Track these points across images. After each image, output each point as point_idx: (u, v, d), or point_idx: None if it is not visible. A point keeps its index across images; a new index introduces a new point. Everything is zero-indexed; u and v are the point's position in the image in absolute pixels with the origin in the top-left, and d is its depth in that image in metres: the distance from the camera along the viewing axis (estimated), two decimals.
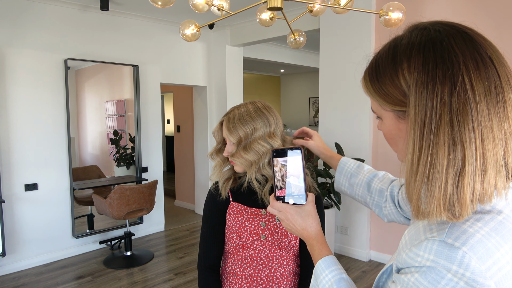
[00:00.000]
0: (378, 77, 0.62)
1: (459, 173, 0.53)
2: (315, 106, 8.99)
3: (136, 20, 4.37)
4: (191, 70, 4.98)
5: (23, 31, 3.56)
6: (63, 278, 3.48)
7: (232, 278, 1.23)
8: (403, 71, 0.58)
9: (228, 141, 1.20)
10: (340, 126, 3.79)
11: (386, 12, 1.69)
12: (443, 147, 0.53)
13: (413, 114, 0.56)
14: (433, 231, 0.56)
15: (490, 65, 0.55)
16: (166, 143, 8.82)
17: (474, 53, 0.55)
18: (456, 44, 0.55)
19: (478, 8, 2.92)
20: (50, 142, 3.77)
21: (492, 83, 0.54)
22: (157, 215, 4.71)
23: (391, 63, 0.60)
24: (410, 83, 0.56)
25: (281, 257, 1.21)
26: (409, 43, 0.59)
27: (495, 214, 0.55)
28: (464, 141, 0.52)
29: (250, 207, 1.21)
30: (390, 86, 0.60)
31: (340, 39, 3.70)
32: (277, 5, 1.53)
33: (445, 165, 0.53)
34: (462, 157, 0.52)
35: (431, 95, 0.54)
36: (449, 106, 0.53)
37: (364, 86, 0.66)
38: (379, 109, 0.65)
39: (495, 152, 0.53)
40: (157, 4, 1.47)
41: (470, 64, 0.54)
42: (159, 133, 4.73)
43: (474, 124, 0.52)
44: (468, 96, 0.53)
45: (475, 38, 0.57)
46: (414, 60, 0.57)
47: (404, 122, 0.61)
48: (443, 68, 0.54)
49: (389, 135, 0.66)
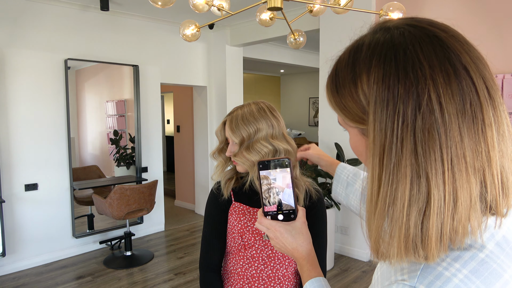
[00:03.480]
0: (338, 89, 0.53)
1: (424, 212, 0.44)
2: (315, 106, 8.99)
3: (136, 20, 4.37)
4: (191, 70, 4.98)
5: (23, 31, 3.57)
6: (63, 278, 3.48)
7: (234, 278, 1.23)
8: (362, 84, 0.48)
9: (230, 141, 1.20)
10: (340, 127, 3.79)
11: (386, 12, 1.69)
12: (404, 180, 0.44)
13: (371, 138, 0.47)
14: (404, 273, 0.48)
15: (465, 78, 0.45)
16: (166, 143, 8.83)
17: (445, 63, 0.45)
18: (422, 53, 0.45)
19: (478, 8, 2.92)
20: (50, 142, 3.77)
21: (467, 100, 0.44)
22: (157, 215, 4.71)
23: (350, 73, 0.50)
24: (370, 99, 0.47)
25: (283, 257, 1.21)
26: (370, 49, 0.49)
27: (477, 251, 0.46)
28: (429, 173, 0.43)
29: (252, 207, 1.21)
30: (349, 101, 0.51)
31: (340, 39, 3.70)
32: (277, 5, 1.53)
33: (407, 202, 0.44)
34: (426, 193, 0.44)
35: (391, 117, 0.45)
36: (412, 130, 0.44)
37: (327, 97, 0.57)
38: (343, 123, 0.57)
39: (469, 185, 0.44)
40: (157, 4, 1.47)
41: (439, 78, 0.44)
42: (159, 133, 4.74)
43: (443, 152, 0.43)
44: (436, 118, 0.43)
45: (448, 43, 0.46)
46: (374, 72, 0.47)
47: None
48: (405, 83, 0.44)
49: (357, 151, 0.57)
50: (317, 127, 5.31)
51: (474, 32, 2.81)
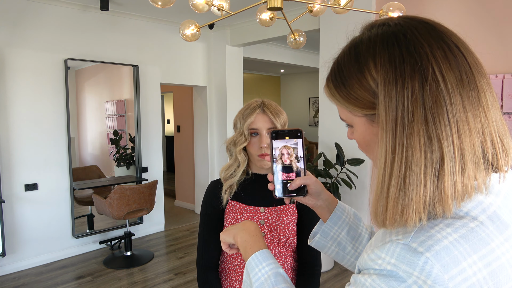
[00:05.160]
0: (344, 81, 0.58)
1: (438, 172, 0.49)
2: (315, 106, 8.99)
3: (136, 20, 4.37)
4: (191, 70, 4.98)
5: (23, 31, 3.57)
6: (63, 278, 3.48)
7: (232, 276, 1.24)
8: (370, 70, 0.54)
9: (265, 131, 1.17)
10: (340, 126, 3.79)
11: (386, 12, 1.69)
12: (418, 146, 0.49)
13: (383, 115, 0.52)
14: (398, 234, 0.52)
15: (458, 53, 0.52)
16: (166, 143, 8.82)
17: (440, 42, 0.52)
18: (420, 35, 0.53)
19: (479, 8, 2.92)
20: (50, 142, 3.77)
21: (462, 71, 0.51)
22: (157, 215, 4.71)
23: (355, 64, 0.56)
24: (379, 81, 0.53)
25: (280, 253, 1.22)
26: (371, 40, 0.55)
27: (468, 221, 0.50)
28: (440, 137, 0.49)
29: (249, 205, 1.22)
30: (358, 89, 0.56)
31: (340, 39, 3.70)
32: (277, 5, 1.53)
33: (423, 165, 0.49)
34: (440, 155, 0.49)
35: (401, 93, 0.51)
36: (421, 101, 0.50)
37: (329, 94, 0.61)
38: (349, 116, 0.61)
39: (473, 145, 0.50)
40: (157, 4, 1.47)
41: (438, 54, 0.51)
42: (159, 133, 4.74)
43: (450, 117, 0.50)
44: (441, 88, 0.50)
45: (437, 26, 0.54)
46: (380, 57, 0.53)
47: (377, 125, 0.55)
48: (411, 61, 0.51)
49: (363, 142, 0.61)
50: (317, 127, 5.31)
51: (474, 32, 2.81)
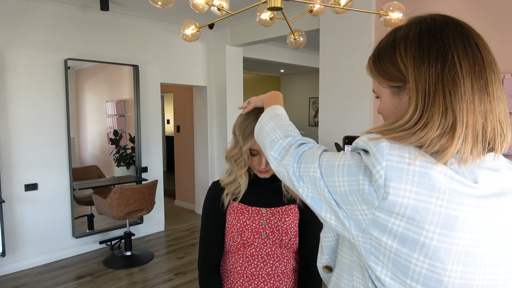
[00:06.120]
0: (379, 57, 0.72)
1: (449, 135, 0.61)
2: (315, 106, 8.99)
3: (136, 20, 4.37)
4: (191, 70, 4.98)
5: (23, 31, 3.56)
6: (63, 278, 3.48)
7: (233, 277, 1.23)
8: (400, 50, 0.68)
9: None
10: (340, 126, 3.79)
11: (386, 12, 1.69)
12: (438, 111, 0.62)
13: (414, 85, 0.65)
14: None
15: (475, 48, 0.64)
16: (166, 143, 8.82)
17: (462, 37, 0.65)
18: (448, 29, 0.66)
19: (479, 8, 2.92)
20: (50, 142, 3.77)
21: (476, 63, 0.63)
22: (157, 215, 4.71)
23: (391, 44, 0.70)
24: (407, 59, 0.66)
25: (282, 254, 1.21)
26: (408, 27, 0.70)
27: (437, 169, 0.61)
28: (455, 108, 0.61)
29: (251, 206, 1.22)
30: (388, 63, 0.70)
31: (340, 39, 3.70)
32: (277, 5, 1.53)
33: (436, 125, 0.62)
34: (452, 122, 0.61)
35: (427, 69, 0.63)
36: (441, 78, 0.62)
37: (368, 68, 0.76)
38: (378, 88, 0.75)
39: (475, 121, 0.62)
40: (157, 4, 1.47)
41: (458, 45, 0.63)
42: (159, 133, 4.73)
43: (462, 95, 0.61)
44: (457, 70, 0.62)
45: (464, 27, 0.67)
46: (411, 40, 0.67)
47: (398, 98, 0.71)
48: (436, 46, 0.64)
49: (385, 111, 0.75)
50: (317, 127, 5.31)
51: None
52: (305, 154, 0.75)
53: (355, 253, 0.74)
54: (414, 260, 0.61)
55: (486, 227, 0.61)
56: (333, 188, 0.67)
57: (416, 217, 0.59)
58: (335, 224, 0.69)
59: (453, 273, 0.60)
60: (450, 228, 0.59)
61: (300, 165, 0.73)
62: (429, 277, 0.60)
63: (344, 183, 0.65)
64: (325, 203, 0.69)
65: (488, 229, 0.61)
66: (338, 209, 0.67)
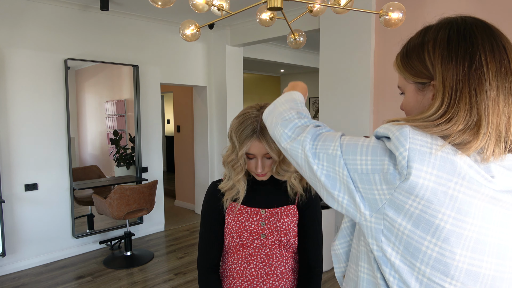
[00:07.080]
0: (408, 53, 0.74)
1: (474, 131, 0.63)
2: (315, 106, 8.99)
3: (136, 20, 4.37)
4: (191, 70, 4.98)
5: (23, 31, 3.56)
6: (63, 278, 3.48)
7: (233, 277, 1.24)
8: (428, 48, 0.69)
9: (260, 156, 1.14)
10: (340, 126, 3.79)
11: (386, 12, 1.69)
12: (464, 108, 0.64)
13: (441, 82, 0.67)
14: None
15: (502, 51, 0.65)
16: (166, 143, 8.82)
17: (491, 39, 0.66)
18: (477, 29, 0.67)
19: (479, 8, 2.92)
20: (50, 142, 3.77)
21: (502, 65, 0.64)
22: (157, 215, 4.71)
23: (421, 41, 0.72)
24: (435, 57, 0.68)
25: (281, 255, 1.21)
26: (438, 26, 0.71)
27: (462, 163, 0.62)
28: (480, 106, 0.63)
29: (250, 207, 1.22)
30: (415, 60, 0.72)
31: (340, 39, 3.70)
32: (277, 5, 1.53)
33: (460, 120, 0.63)
34: (476, 120, 0.63)
35: (454, 67, 0.65)
36: (468, 77, 0.64)
37: (395, 64, 0.78)
38: (404, 83, 0.77)
39: (498, 121, 0.63)
40: (157, 4, 1.46)
41: (486, 46, 0.65)
42: (159, 133, 4.73)
43: (487, 94, 0.63)
44: (483, 70, 0.63)
45: (493, 29, 0.68)
46: (440, 39, 0.68)
47: (421, 94, 0.72)
48: (464, 46, 0.65)
49: (408, 106, 0.77)
50: None
51: None
52: (323, 134, 0.77)
53: (361, 242, 0.75)
54: (426, 242, 0.62)
55: (497, 218, 0.63)
56: (354, 166, 0.68)
57: (434, 200, 0.61)
58: (347, 204, 0.70)
59: (462, 257, 0.62)
60: (464, 213, 0.61)
61: (318, 142, 0.75)
62: (439, 261, 0.62)
63: (367, 161, 0.66)
64: (339, 181, 0.70)
65: (499, 221, 0.63)
66: (353, 187, 0.68)
